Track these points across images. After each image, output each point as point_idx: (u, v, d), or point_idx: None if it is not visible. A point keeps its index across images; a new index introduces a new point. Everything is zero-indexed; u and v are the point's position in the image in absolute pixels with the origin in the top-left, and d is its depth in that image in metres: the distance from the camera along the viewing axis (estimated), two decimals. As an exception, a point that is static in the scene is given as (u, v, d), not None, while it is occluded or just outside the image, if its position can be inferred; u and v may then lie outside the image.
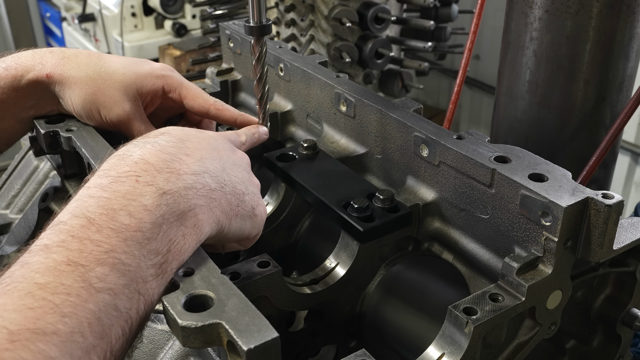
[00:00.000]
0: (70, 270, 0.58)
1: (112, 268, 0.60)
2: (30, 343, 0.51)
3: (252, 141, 0.98)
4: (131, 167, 0.69)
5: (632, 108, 1.28)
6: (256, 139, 0.99)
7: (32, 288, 0.56)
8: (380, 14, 2.42)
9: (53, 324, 0.54)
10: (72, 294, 0.56)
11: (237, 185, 0.77)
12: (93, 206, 0.64)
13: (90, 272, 0.59)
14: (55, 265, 0.58)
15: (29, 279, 0.57)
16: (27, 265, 0.58)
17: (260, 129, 1.01)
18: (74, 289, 0.57)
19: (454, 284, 0.93)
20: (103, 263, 0.60)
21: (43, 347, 0.52)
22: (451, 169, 0.88)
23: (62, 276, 0.57)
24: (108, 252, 0.61)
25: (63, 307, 0.55)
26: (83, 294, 0.57)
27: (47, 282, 0.56)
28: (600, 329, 0.95)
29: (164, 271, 0.65)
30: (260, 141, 1.01)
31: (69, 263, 0.58)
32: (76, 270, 0.58)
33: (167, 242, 0.66)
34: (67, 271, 0.58)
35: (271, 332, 0.60)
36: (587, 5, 1.25)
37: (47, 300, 0.55)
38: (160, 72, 1.03)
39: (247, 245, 0.84)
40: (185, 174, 0.71)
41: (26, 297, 0.55)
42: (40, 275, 0.57)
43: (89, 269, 0.59)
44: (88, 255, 0.60)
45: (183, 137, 0.78)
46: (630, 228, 0.84)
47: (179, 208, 0.68)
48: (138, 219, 0.64)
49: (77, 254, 0.59)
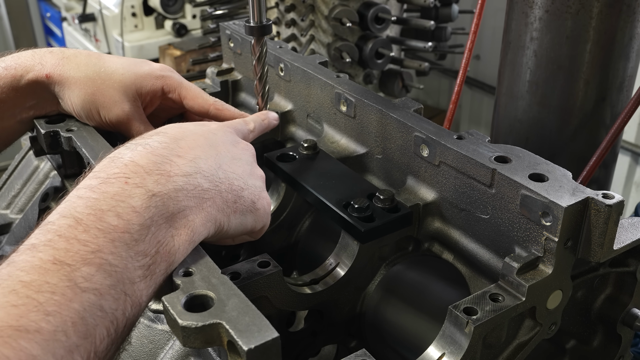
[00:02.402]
0: (56, 269, 0.58)
1: (99, 268, 0.60)
2: (12, 340, 0.51)
3: (261, 127, 0.97)
4: (121, 169, 0.69)
5: (632, 108, 1.28)
6: (266, 124, 0.98)
7: (16, 286, 0.55)
8: (381, 14, 2.42)
9: (36, 322, 0.53)
10: (57, 292, 0.56)
11: (234, 182, 0.76)
12: (81, 207, 0.64)
13: (76, 271, 0.58)
14: (41, 263, 0.58)
15: (14, 277, 0.56)
16: (14, 263, 0.58)
17: (269, 114, 1.00)
18: (59, 288, 0.56)
19: (454, 284, 0.93)
20: (89, 263, 0.59)
21: (25, 344, 0.52)
22: (451, 169, 0.88)
23: (48, 275, 0.57)
24: (95, 252, 0.60)
25: (47, 305, 0.55)
26: (68, 293, 0.57)
27: (31, 280, 0.56)
28: (601, 329, 0.95)
29: (152, 272, 0.65)
30: (271, 127, 0.99)
31: (55, 262, 0.58)
32: (62, 269, 0.58)
33: (156, 243, 0.65)
34: (52, 270, 0.58)
35: (271, 332, 0.60)
36: (588, 5, 1.25)
37: (31, 298, 0.55)
38: (159, 72, 1.03)
39: (256, 237, 0.84)
40: (175, 175, 0.70)
41: (10, 294, 0.54)
42: (25, 274, 0.57)
43: (75, 268, 0.58)
44: (74, 255, 0.59)
45: (178, 136, 0.77)
46: (631, 228, 0.84)
47: (168, 210, 0.67)
48: (126, 220, 0.64)
49: (63, 253, 0.59)
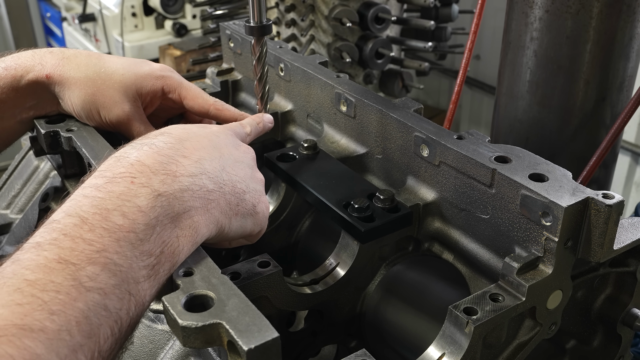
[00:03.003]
0: (61, 268, 0.58)
1: (104, 268, 0.60)
2: (16, 339, 0.51)
3: (257, 131, 0.97)
4: (127, 168, 0.69)
5: (632, 108, 1.28)
6: (261, 128, 0.98)
7: (21, 284, 0.55)
8: (381, 14, 2.42)
9: (40, 321, 0.53)
10: (62, 291, 0.56)
11: (237, 184, 0.77)
12: (87, 206, 0.64)
13: (81, 270, 0.58)
14: (46, 262, 0.58)
15: (19, 275, 0.56)
16: (18, 262, 0.58)
17: (265, 117, 1.00)
18: (64, 287, 0.56)
19: (455, 284, 0.93)
20: (94, 262, 0.59)
21: (29, 343, 0.52)
22: (451, 169, 0.88)
23: (52, 274, 0.57)
24: (100, 252, 0.60)
25: (52, 304, 0.55)
26: (72, 293, 0.57)
27: (36, 279, 0.56)
28: (601, 329, 0.95)
29: (157, 273, 0.65)
30: (266, 130, 1.00)
31: (60, 261, 0.58)
32: (67, 269, 0.58)
33: (161, 243, 0.65)
34: (57, 269, 0.57)
35: (271, 332, 0.60)
36: (588, 5, 1.25)
37: (35, 297, 0.55)
38: (159, 72, 1.03)
39: (252, 241, 0.84)
40: (181, 175, 0.70)
41: (15, 293, 0.54)
42: (31, 272, 0.57)
43: (80, 267, 0.58)
44: (79, 254, 0.59)
45: (183, 137, 0.77)
46: (631, 228, 0.84)
47: (173, 210, 0.67)
48: (132, 219, 0.64)
49: (68, 252, 0.59)
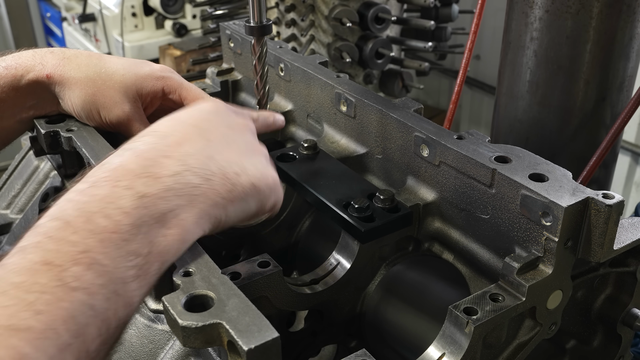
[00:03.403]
0: (46, 269, 0.58)
1: (89, 268, 0.60)
2: (3, 339, 0.51)
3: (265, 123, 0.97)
4: (110, 173, 0.69)
5: (632, 108, 1.28)
6: (271, 121, 0.98)
7: (7, 287, 0.56)
8: (381, 14, 2.42)
9: (26, 321, 0.53)
10: (47, 292, 0.56)
11: (228, 170, 0.75)
12: (70, 209, 0.64)
13: (66, 271, 0.58)
14: (31, 265, 0.58)
15: (5, 279, 0.57)
16: (4, 266, 0.58)
17: (276, 114, 1.00)
18: (49, 288, 0.57)
19: (455, 284, 0.93)
20: (79, 263, 0.59)
21: (16, 342, 0.52)
22: (451, 169, 0.88)
23: (37, 275, 0.57)
24: (84, 253, 0.60)
25: (37, 304, 0.55)
26: (58, 292, 0.57)
27: (21, 281, 0.56)
28: (601, 329, 0.95)
29: (145, 273, 0.65)
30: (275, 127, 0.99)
31: (45, 263, 0.58)
32: (52, 270, 0.58)
33: (147, 243, 0.65)
34: (42, 270, 0.58)
35: (271, 332, 0.60)
36: (588, 5, 1.25)
37: (20, 298, 0.55)
38: (160, 73, 1.03)
39: (274, 213, 0.83)
40: (164, 176, 0.70)
41: (0, 296, 0.55)
42: (16, 275, 0.57)
43: (65, 268, 0.58)
44: (64, 255, 0.59)
45: (167, 132, 0.76)
46: (631, 228, 0.84)
47: (158, 210, 0.67)
48: (116, 220, 0.64)
49: (53, 254, 0.59)
